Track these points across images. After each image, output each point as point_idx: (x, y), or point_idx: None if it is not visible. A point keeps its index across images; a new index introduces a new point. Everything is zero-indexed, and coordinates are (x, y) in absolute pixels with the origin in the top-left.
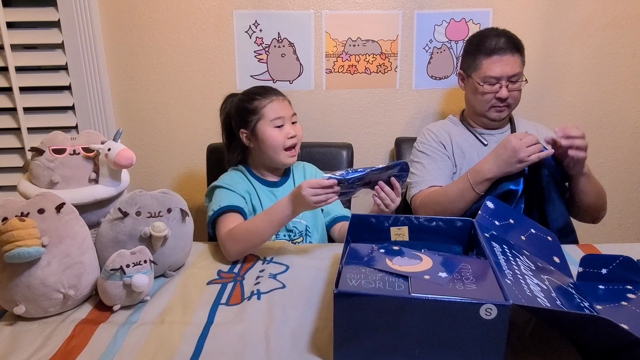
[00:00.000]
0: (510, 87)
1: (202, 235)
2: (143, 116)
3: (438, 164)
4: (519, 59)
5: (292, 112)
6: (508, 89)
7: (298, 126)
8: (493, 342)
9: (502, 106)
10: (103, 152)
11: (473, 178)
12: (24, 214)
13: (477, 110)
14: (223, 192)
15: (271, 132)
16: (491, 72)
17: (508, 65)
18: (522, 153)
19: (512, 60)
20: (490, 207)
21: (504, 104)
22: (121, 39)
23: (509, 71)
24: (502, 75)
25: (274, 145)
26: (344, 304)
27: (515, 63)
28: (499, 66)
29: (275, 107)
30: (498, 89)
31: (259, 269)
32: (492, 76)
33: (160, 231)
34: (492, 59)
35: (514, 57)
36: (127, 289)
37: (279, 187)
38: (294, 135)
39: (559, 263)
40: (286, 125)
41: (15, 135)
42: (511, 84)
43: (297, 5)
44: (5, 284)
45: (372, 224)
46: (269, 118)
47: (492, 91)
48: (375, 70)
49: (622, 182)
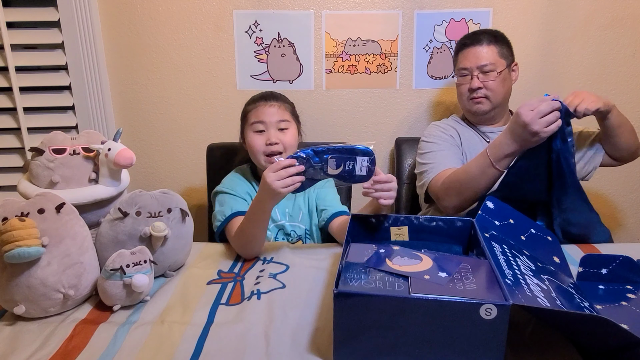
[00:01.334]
0: (482, 77)
1: (202, 235)
2: (143, 116)
3: (450, 151)
4: (496, 50)
5: (279, 119)
6: (480, 79)
7: (287, 134)
8: (493, 342)
9: (478, 97)
10: (103, 152)
11: (493, 154)
12: (24, 214)
13: (462, 105)
14: (225, 197)
15: (251, 137)
16: (461, 64)
17: (478, 55)
18: (536, 126)
19: (482, 51)
20: (490, 207)
21: (479, 94)
22: (121, 39)
23: (477, 61)
24: (471, 66)
25: (252, 150)
26: (344, 304)
27: (487, 53)
28: (468, 57)
29: (258, 112)
30: (469, 80)
31: (259, 269)
32: (462, 67)
33: (160, 231)
34: (463, 51)
35: (488, 48)
36: (127, 289)
37: None
38: (274, 142)
39: (559, 263)
40: (269, 131)
41: (15, 135)
42: (483, 75)
43: (297, 5)
44: (5, 284)
45: (372, 224)
46: (249, 121)
47: (465, 82)
48: (375, 70)
49: (622, 182)
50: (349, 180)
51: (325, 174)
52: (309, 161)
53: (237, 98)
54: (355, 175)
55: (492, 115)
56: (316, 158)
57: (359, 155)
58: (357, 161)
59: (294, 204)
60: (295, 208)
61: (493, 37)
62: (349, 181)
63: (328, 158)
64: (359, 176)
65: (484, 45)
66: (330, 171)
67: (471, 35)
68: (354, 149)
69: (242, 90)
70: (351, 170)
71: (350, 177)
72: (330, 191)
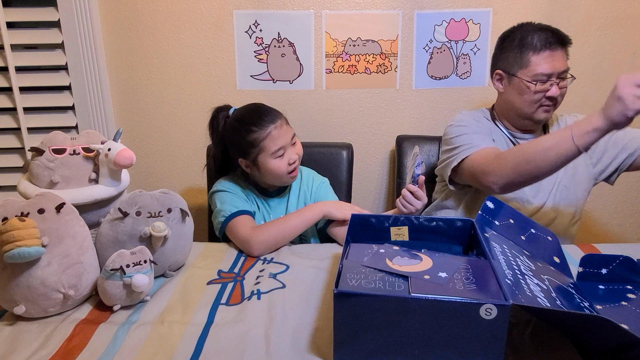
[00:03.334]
0: (561, 84)
1: (202, 235)
2: (143, 116)
3: (488, 137)
4: (565, 54)
5: (292, 134)
6: (559, 86)
7: (298, 145)
8: (493, 342)
9: (550, 105)
10: (103, 152)
11: (576, 126)
12: (24, 214)
13: (524, 112)
14: (225, 195)
15: (274, 164)
16: (542, 69)
17: (559, 60)
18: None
19: (561, 56)
20: (490, 207)
21: (552, 102)
22: (121, 39)
23: (559, 67)
24: (554, 72)
25: (277, 175)
26: (344, 304)
27: (564, 58)
28: (550, 62)
29: (274, 137)
30: (549, 87)
31: (259, 269)
32: (543, 73)
33: (160, 231)
34: (542, 54)
35: (563, 52)
36: (127, 289)
37: (274, 198)
38: (295, 160)
39: (559, 263)
40: (287, 152)
41: (15, 135)
42: (561, 81)
43: (297, 5)
44: (5, 284)
45: (372, 224)
46: (270, 151)
47: (543, 90)
48: (375, 70)
49: (622, 182)
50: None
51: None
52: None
53: (237, 98)
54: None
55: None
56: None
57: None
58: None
59: (288, 211)
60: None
61: (563, 41)
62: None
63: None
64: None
65: (563, 50)
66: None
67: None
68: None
69: (242, 90)
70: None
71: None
72: (328, 193)
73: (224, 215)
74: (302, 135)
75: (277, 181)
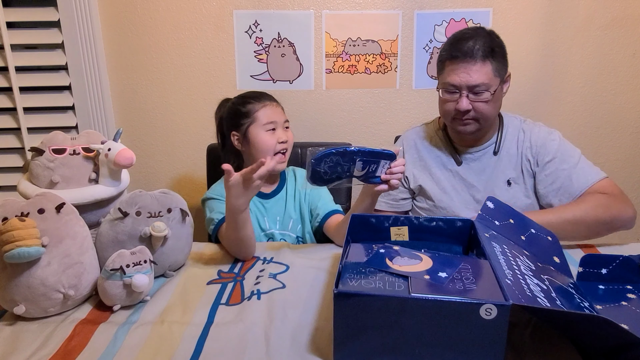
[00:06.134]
0: (472, 98)
1: (202, 235)
2: (143, 116)
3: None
4: (491, 67)
5: (285, 119)
6: (470, 99)
7: (290, 132)
8: (493, 342)
9: (465, 119)
10: (103, 152)
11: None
12: (24, 214)
13: (446, 122)
14: (214, 203)
15: (263, 136)
16: (449, 78)
17: (471, 73)
18: None
19: (476, 69)
20: (490, 207)
21: (467, 116)
22: (121, 39)
23: (469, 80)
24: (462, 84)
25: (265, 149)
26: (344, 304)
27: (482, 72)
28: (458, 72)
29: (268, 111)
30: (457, 98)
31: (259, 269)
32: (450, 83)
33: (160, 231)
34: (454, 64)
35: (482, 65)
36: (127, 289)
37: (270, 199)
38: (285, 140)
39: (559, 263)
40: (278, 130)
41: (15, 135)
42: (474, 95)
43: (297, 5)
44: (5, 284)
45: (372, 224)
46: (261, 122)
47: (451, 100)
48: (375, 70)
49: (622, 182)
50: (366, 181)
51: (350, 174)
52: (339, 160)
53: None
54: (374, 177)
55: (478, 136)
56: (346, 158)
57: (382, 158)
58: (380, 164)
59: (285, 212)
60: (286, 216)
61: (490, 51)
62: (365, 182)
63: (357, 160)
64: (377, 178)
65: (478, 62)
66: (356, 172)
67: (463, 46)
68: (381, 152)
69: (242, 90)
70: (373, 172)
71: (368, 178)
72: (322, 192)
73: (214, 224)
74: (302, 135)
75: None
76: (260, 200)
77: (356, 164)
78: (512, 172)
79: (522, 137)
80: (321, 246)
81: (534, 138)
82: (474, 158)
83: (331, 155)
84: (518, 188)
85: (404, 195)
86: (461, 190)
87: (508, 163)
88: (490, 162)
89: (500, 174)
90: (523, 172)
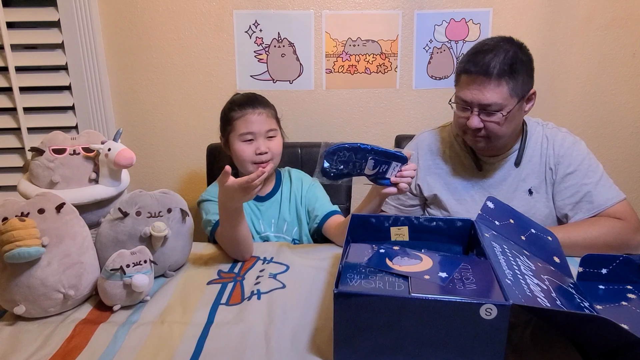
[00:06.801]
0: (484, 116)
1: (202, 235)
2: (143, 116)
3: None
4: (507, 88)
5: (269, 128)
6: (481, 118)
7: (275, 142)
8: (493, 342)
9: (477, 136)
10: (103, 152)
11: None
12: (24, 214)
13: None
14: (209, 205)
15: (239, 146)
16: (462, 94)
17: (484, 92)
18: None
19: (491, 88)
20: (490, 207)
21: (478, 134)
22: (121, 39)
23: (482, 99)
24: (473, 101)
25: (240, 159)
26: (344, 304)
27: (495, 92)
28: (472, 90)
29: (247, 121)
30: (469, 114)
31: (259, 269)
32: (462, 98)
33: (160, 231)
34: (469, 78)
35: (497, 84)
36: (127, 289)
37: (265, 202)
38: (264, 151)
39: (559, 263)
40: (258, 141)
41: (15, 135)
42: (485, 115)
43: (297, 5)
44: (5, 284)
45: (372, 224)
46: (238, 132)
47: (462, 115)
48: (375, 70)
49: (622, 182)
50: (375, 181)
51: (361, 172)
52: (351, 156)
53: None
54: (384, 178)
55: (496, 148)
56: (359, 155)
57: (395, 160)
58: (391, 166)
59: (279, 215)
60: (280, 219)
61: (508, 69)
62: (374, 182)
63: (369, 158)
64: (387, 180)
65: (493, 81)
66: (367, 171)
67: (480, 60)
68: (394, 154)
69: (242, 90)
70: (383, 173)
71: (378, 178)
72: (319, 193)
73: (211, 225)
74: (302, 135)
75: (242, 168)
76: (255, 203)
77: (368, 162)
78: (534, 181)
79: (545, 145)
80: (321, 246)
81: (557, 146)
82: (495, 167)
83: (344, 150)
84: (539, 197)
85: (413, 202)
86: (479, 200)
87: (531, 172)
88: (511, 171)
89: (521, 183)
90: (546, 180)
